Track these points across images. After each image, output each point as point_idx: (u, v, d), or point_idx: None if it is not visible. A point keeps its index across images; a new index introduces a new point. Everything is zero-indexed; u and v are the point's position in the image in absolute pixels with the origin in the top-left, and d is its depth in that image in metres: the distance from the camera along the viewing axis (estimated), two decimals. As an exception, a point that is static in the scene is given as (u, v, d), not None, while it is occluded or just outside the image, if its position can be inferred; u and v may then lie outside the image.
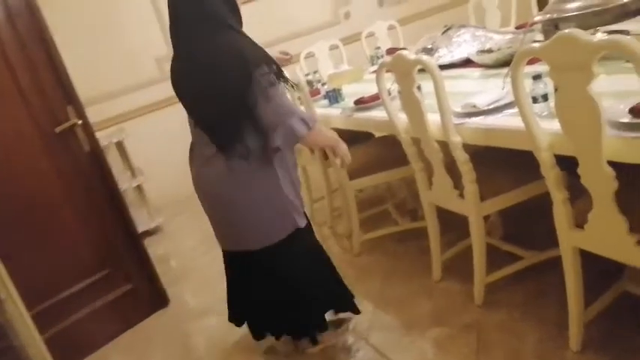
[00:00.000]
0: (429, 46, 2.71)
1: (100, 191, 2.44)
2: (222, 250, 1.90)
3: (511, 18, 3.47)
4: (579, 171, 1.30)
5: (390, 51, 3.69)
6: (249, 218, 1.67)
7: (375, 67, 3.32)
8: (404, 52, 1.67)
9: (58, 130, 2.27)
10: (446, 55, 2.61)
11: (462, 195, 1.79)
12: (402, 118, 1.91)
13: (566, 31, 1.13)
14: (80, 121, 2.30)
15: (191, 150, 1.79)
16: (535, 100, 1.49)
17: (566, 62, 1.16)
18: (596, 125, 1.17)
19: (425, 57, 1.59)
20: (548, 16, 1.91)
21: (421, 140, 1.84)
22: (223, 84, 1.54)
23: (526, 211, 1.97)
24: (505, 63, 2.21)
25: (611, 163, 1.22)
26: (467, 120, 1.67)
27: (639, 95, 1.26)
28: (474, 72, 2.35)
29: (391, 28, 4.06)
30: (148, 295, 2.69)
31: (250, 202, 1.65)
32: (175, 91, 1.71)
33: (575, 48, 1.11)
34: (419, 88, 1.73)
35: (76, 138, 2.32)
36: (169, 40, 1.66)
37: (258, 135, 1.60)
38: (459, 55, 2.55)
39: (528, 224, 2.24)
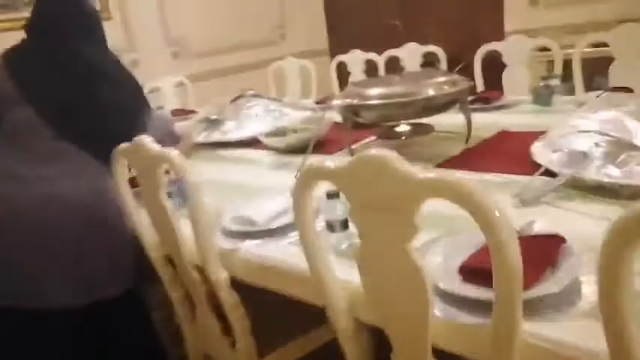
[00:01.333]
0: (214, 117, 2.19)
1: None
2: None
3: (312, 89, 3.21)
4: (392, 357, 0.85)
5: (177, 113, 3.11)
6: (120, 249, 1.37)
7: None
8: (147, 140, 1.09)
9: None
10: (234, 131, 2.12)
11: (234, 344, 1.24)
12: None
13: (375, 152, 0.68)
14: None
15: None
16: (331, 227, 1.03)
17: (374, 199, 0.71)
18: (417, 301, 0.72)
19: (175, 154, 1.03)
20: (347, 100, 1.54)
21: (176, 264, 1.25)
22: (119, 95, 1.43)
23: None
24: (299, 149, 1.80)
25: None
26: (239, 244, 1.13)
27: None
28: (265, 156, 1.88)
29: (180, 85, 3.50)
30: None
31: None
32: (20, 90, 1.35)
33: (390, 181, 0.67)
34: (171, 195, 1.17)
35: None
36: None
37: None
38: (249, 131, 2.07)
39: None
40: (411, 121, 1.68)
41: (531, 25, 3.56)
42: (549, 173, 1.19)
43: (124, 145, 1.16)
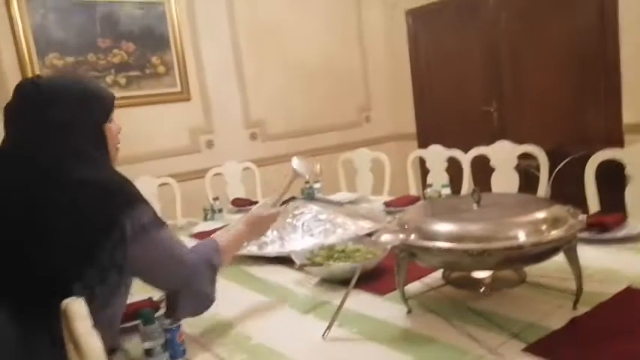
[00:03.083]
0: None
1: None
2: None
3: (384, 185, 2.82)
4: None
5: (237, 202, 2.86)
6: None
7: (203, 225, 2.42)
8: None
9: None
10: (274, 242, 1.77)
11: None
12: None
13: None
14: None
15: None
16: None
17: None
18: None
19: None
20: (401, 236, 1.13)
21: None
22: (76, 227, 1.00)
23: None
24: (343, 280, 1.40)
25: None
26: None
27: None
28: (302, 285, 1.50)
29: (247, 169, 3.30)
30: None
31: None
32: None
33: None
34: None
35: None
36: None
37: None
38: (289, 247, 1.72)
39: None
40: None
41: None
42: None
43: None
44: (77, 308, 0.73)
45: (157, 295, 1.40)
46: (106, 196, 1.04)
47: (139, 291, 1.28)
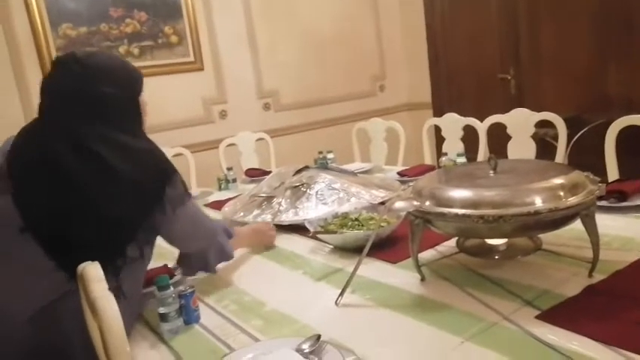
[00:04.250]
0: (264, 194, 1.87)
1: None
2: None
3: (399, 155, 2.79)
4: None
5: (250, 172, 2.86)
6: None
7: (217, 195, 2.44)
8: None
9: None
10: (288, 211, 1.77)
11: None
12: None
13: None
14: None
15: None
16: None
17: None
18: None
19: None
20: (415, 203, 1.12)
21: None
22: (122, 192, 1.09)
23: None
24: (357, 248, 1.40)
25: None
26: None
27: None
28: (316, 252, 1.51)
29: (260, 139, 3.29)
30: None
31: None
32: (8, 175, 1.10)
33: None
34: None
35: None
36: None
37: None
38: (303, 215, 1.72)
39: None
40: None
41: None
42: None
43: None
44: (94, 271, 0.74)
45: (171, 262, 1.42)
46: (156, 165, 1.14)
47: (154, 258, 1.29)
